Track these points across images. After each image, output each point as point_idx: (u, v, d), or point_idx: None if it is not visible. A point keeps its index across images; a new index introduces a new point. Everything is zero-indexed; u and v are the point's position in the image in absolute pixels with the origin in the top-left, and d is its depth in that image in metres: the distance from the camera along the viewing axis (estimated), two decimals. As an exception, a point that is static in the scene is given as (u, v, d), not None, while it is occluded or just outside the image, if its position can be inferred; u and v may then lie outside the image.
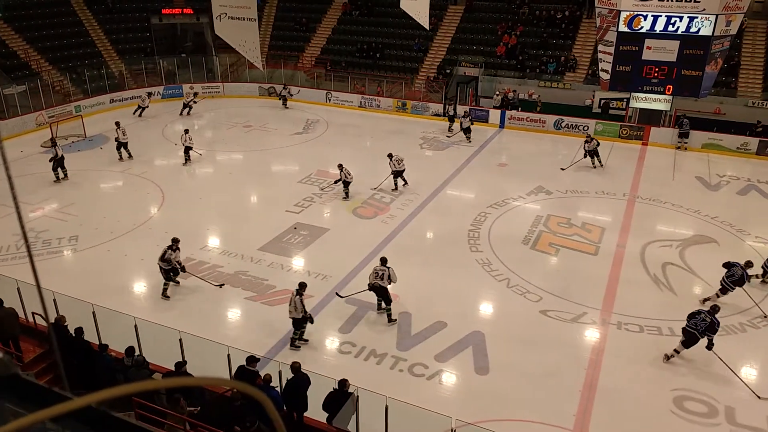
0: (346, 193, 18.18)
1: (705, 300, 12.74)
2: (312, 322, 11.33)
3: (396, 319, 12.14)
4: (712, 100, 24.44)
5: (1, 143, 1.43)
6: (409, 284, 13.58)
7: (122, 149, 21.12)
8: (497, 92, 27.49)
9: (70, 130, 23.84)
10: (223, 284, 13.35)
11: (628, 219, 17.27)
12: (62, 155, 19.03)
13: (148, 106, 26.97)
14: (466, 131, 23.87)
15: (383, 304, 12.28)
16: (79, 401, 0.73)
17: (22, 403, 0.83)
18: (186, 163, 21.03)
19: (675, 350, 11.03)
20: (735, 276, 12.41)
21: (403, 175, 18.81)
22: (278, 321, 12.10)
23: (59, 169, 19.01)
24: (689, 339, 10.77)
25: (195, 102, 27.95)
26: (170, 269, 12.96)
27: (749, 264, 12.73)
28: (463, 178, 20.60)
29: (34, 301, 11.31)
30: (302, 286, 11.30)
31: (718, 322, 10.65)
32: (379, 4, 33.80)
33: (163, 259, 12.87)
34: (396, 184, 18.80)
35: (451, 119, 25.32)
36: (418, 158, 22.65)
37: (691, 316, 10.87)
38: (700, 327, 10.63)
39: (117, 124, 21.40)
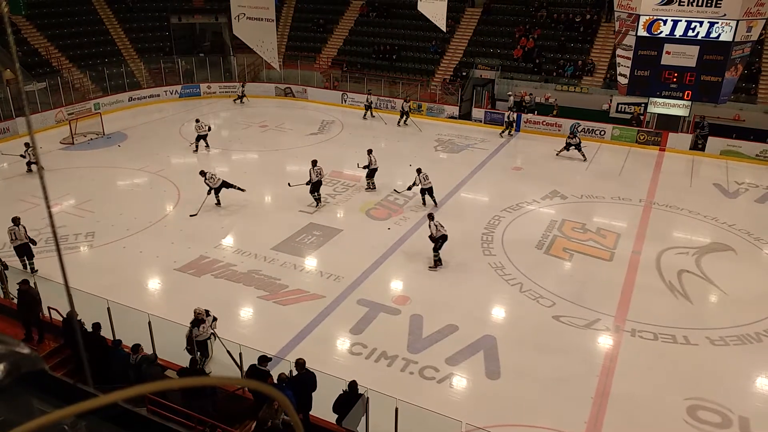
0: (369, 183, 18.17)
1: None
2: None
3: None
4: (732, 107, 24.13)
5: (35, 145, 1.46)
6: (420, 287, 13.59)
7: (200, 141, 21.96)
8: (510, 93, 27.41)
9: (88, 127, 24.15)
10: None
11: (644, 225, 17.11)
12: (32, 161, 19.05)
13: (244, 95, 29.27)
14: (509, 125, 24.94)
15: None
16: (104, 399, 0.75)
17: (48, 399, 0.85)
18: (196, 150, 21.81)
19: None
20: None
21: (432, 192, 17.75)
22: (290, 320, 12.17)
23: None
24: None
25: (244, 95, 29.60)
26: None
27: None
28: (478, 181, 20.54)
29: (50, 296, 11.48)
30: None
31: None
32: (397, 6, 33.83)
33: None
34: (424, 201, 17.88)
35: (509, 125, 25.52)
36: (433, 161, 22.62)
37: None
38: None
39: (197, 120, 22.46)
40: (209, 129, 22.55)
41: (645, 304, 13.03)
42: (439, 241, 14.12)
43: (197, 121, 22.17)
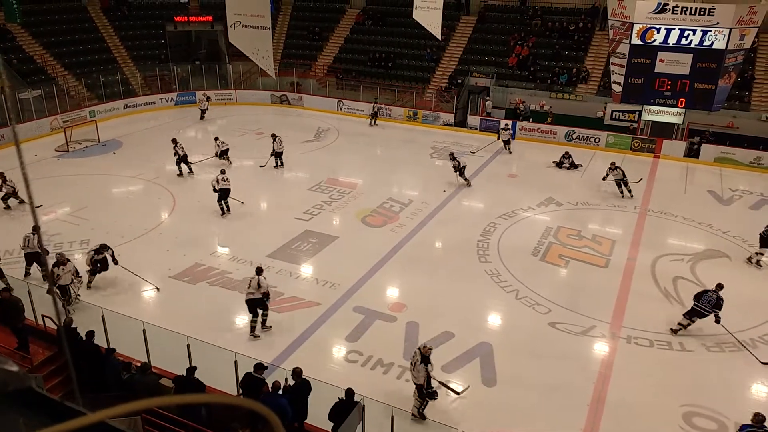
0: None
1: (676, 330, 12.23)
2: (268, 298, 11.71)
3: None
4: (725, 114, 24.29)
5: (20, 150, 1.46)
6: (416, 294, 13.57)
7: (182, 164, 20.68)
8: (487, 97, 27.63)
9: (84, 135, 24.12)
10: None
11: (639, 232, 17.16)
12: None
13: (207, 109, 28.25)
14: (506, 143, 24.46)
15: None
16: (93, 417, 0.75)
17: (36, 416, 0.85)
18: (229, 163, 21.82)
19: (680, 324, 11.84)
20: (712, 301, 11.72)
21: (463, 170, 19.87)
22: (286, 328, 12.12)
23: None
24: (696, 315, 11.86)
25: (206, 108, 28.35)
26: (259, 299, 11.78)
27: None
28: (473, 188, 20.57)
29: (44, 305, 11.42)
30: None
31: (722, 299, 11.68)
32: (392, 15, 33.99)
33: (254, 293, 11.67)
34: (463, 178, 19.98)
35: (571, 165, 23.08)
36: (428, 168, 22.67)
37: (699, 296, 11.92)
38: (707, 306, 11.69)
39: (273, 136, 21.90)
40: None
41: (640, 311, 13.05)
42: None
43: (216, 139, 22.20)
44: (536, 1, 32.07)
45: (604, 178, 20.09)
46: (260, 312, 11.84)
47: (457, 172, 20.32)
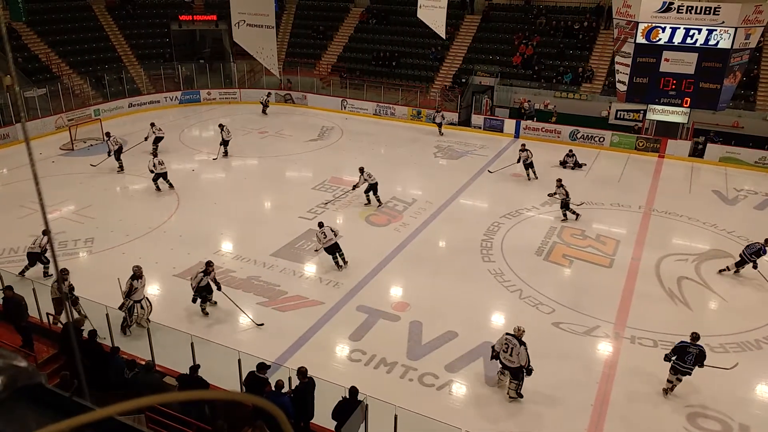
0: (369, 199, 18.26)
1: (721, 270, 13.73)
2: (218, 288, 12.27)
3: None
4: (731, 114, 24.20)
5: (30, 149, 1.47)
6: (420, 293, 13.57)
7: (160, 179, 19.18)
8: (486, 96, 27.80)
9: (88, 133, 24.17)
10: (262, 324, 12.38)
11: (644, 232, 17.12)
12: None
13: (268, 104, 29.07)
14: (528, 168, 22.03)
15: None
16: (101, 412, 0.75)
17: (46, 412, 0.85)
18: (225, 155, 22.24)
19: (669, 381, 10.42)
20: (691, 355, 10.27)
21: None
22: (289, 327, 12.14)
23: None
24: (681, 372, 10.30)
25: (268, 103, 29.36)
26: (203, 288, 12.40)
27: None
28: (477, 187, 20.57)
29: (49, 303, 11.47)
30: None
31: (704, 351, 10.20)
32: (396, 13, 33.96)
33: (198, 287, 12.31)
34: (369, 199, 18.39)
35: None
36: (432, 167, 22.67)
37: (681, 351, 10.24)
38: (689, 361, 10.13)
39: (154, 152, 21.38)
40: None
41: (644, 311, 13.02)
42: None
43: (222, 127, 22.55)
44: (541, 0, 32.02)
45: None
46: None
47: (528, 168, 20.97)
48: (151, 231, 16.39)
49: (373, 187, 18.06)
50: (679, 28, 19.48)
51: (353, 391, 8.65)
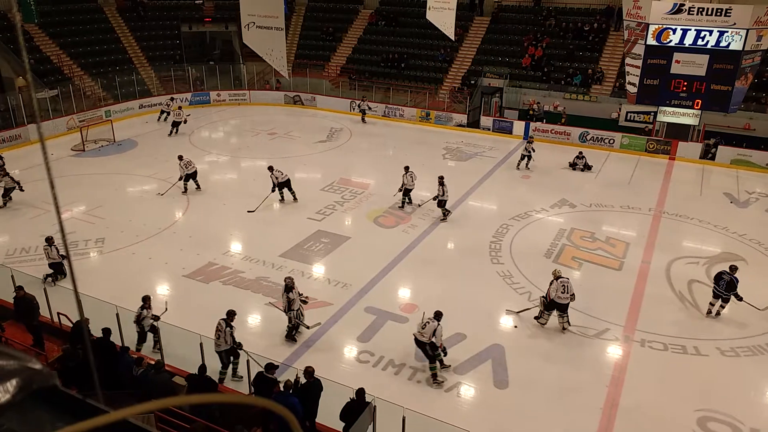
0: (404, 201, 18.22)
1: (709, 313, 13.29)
2: (240, 348, 10.32)
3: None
4: (742, 116, 24.00)
5: (45, 151, 1.48)
6: (428, 295, 13.55)
7: (190, 180, 19.04)
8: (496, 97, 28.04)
9: (99, 134, 24.36)
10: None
11: (654, 234, 17.01)
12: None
13: (170, 113, 26.24)
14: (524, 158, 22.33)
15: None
16: (115, 414, 0.76)
17: (60, 415, 0.86)
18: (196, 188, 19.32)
19: (711, 303, 12.84)
20: (724, 281, 12.78)
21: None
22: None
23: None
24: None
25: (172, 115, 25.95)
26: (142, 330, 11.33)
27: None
28: (486, 189, 20.52)
29: (59, 302, 11.57)
30: (230, 315, 10.45)
31: (738, 279, 12.52)
32: (405, 15, 33.99)
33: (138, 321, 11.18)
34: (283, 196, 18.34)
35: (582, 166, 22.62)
36: (441, 169, 22.61)
37: (717, 278, 12.80)
38: (722, 286, 12.59)
39: (180, 157, 19.24)
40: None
41: (655, 314, 12.94)
42: None
43: (180, 158, 19.17)
44: (550, 1, 31.91)
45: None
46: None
47: (524, 159, 21.97)
48: (160, 231, 16.49)
49: (285, 185, 18.17)
50: (690, 29, 19.37)
51: (361, 392, 8.65)
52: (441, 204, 17.30)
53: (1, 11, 29.03)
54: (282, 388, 8.89)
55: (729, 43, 19.28)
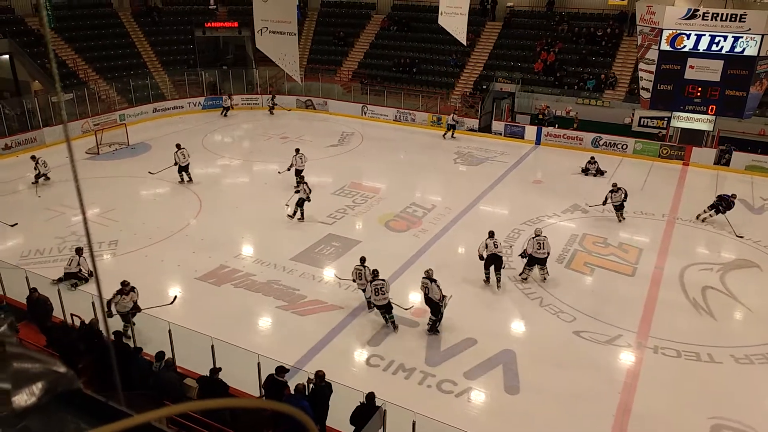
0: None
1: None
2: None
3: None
4: (757, 122, 23.78)
5: (72, 155, 1.50)
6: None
7: (183, 173, 20.25)
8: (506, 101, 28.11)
9: (113, 137, 24.61)
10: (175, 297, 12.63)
11: (667, 240, 16.87)
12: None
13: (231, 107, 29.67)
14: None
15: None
16: (139, 418, 0.77)
17: (83, 417, 0.88)
18: (188, 180, 20.40)
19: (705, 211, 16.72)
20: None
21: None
22: (308, 331, 12.19)
23: None
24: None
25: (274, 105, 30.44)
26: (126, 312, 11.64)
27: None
28: (497, 194, 20.47)
29: (73, 304, 11.68)
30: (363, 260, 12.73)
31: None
32: (417, 20, 34.04)
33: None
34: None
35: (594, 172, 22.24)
36: (452, 173, 22.63)
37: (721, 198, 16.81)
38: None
39: (177, 146, 20.24)
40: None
41: (668, 321, 12.82)
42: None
43: (178, 146, 20.16)
44: (563, 6, 31.82)
45: (604, 203, 18.05)
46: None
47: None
48: (173, 234, 16.60)
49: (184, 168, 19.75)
50: (704, 35, 19.26)
51: (371, 396, 8.65)
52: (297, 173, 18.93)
53: (18, 16, 29.46)
54: (293, 392, 8.91)
55: (744, 49, 19.15)
